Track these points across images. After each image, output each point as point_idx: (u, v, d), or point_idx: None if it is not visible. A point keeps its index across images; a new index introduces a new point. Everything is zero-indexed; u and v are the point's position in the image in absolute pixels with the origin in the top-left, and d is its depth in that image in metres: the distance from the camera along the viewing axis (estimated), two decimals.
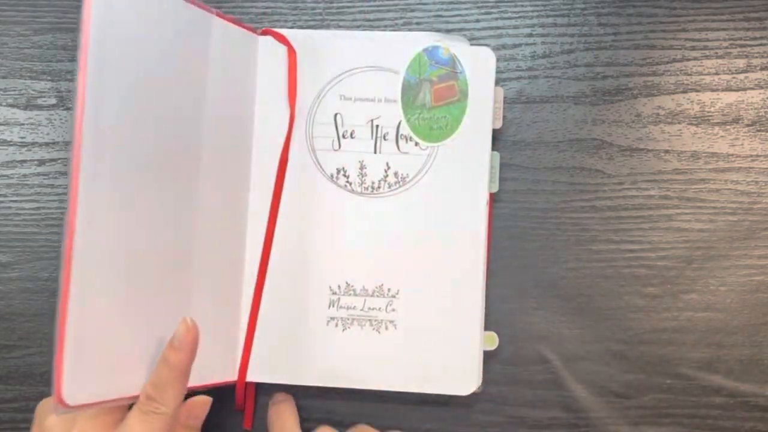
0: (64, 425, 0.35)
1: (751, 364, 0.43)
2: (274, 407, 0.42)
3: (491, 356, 0.43)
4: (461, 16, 0.45)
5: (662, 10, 0.45)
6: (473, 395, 0.42)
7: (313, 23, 0.45)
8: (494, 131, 0.43)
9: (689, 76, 0.44)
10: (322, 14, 0.45)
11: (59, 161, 0.45)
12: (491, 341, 0.42)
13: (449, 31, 0.45)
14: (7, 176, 0.45)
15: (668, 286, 0.44)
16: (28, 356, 0.44)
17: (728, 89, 0.44)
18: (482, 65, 0.43)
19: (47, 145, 0.46)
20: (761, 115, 0.44)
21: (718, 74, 0.44)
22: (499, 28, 0.45)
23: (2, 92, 0.46)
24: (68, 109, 0.46)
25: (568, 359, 0.43)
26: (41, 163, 0.45)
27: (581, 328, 0.44)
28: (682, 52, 0.45)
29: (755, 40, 0.44)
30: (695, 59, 0.44)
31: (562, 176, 0.44)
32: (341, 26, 0.45)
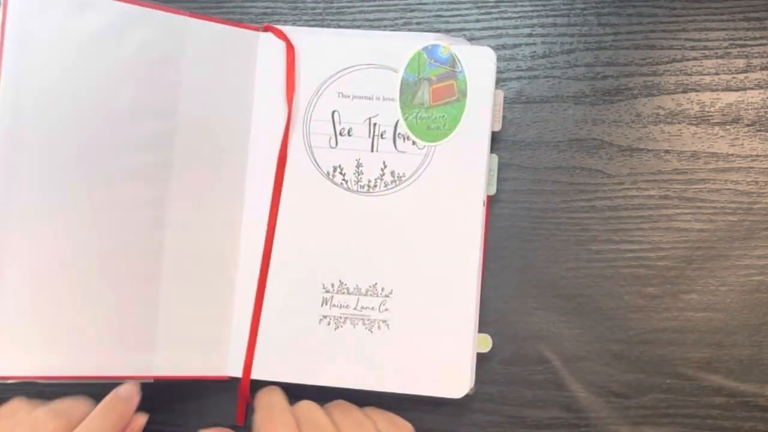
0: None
1: (751, 364, 0.43)
2: (261, 392, 0.41)
3: (491, 356, 0.43)
4: (461, 16, 0.45)
5: (662, 10, 0.45)
6: (468, 396, 0.42)
7: (313, 23, 0.45)
8: (494, 133, 0.43)
9: (689, 76, 0.44)
10: (322, 14, 0.45)
11: None
12: (485, 343, 0.42)
13: (449, 31, 0.45)
14: None
15: (668, 286, 0.44)
16: None
17: (728, 89, 0.44)
18: (482, 65, 0.43)
19: None
20: (761, 115, 0.44)
21: (718, 74, 0.44)
22: (499, 28, 0.45)
23: None
24: None
25: (568, 359, 0.43)
26: None
27: (581, 328, 0.44)
28: (682, 52, 0.45)
29: (755, 40, 0.44)
30: (695, 59, 0.44)
31: (562, 176, 0.44)
32: (341, 26, 0.45)
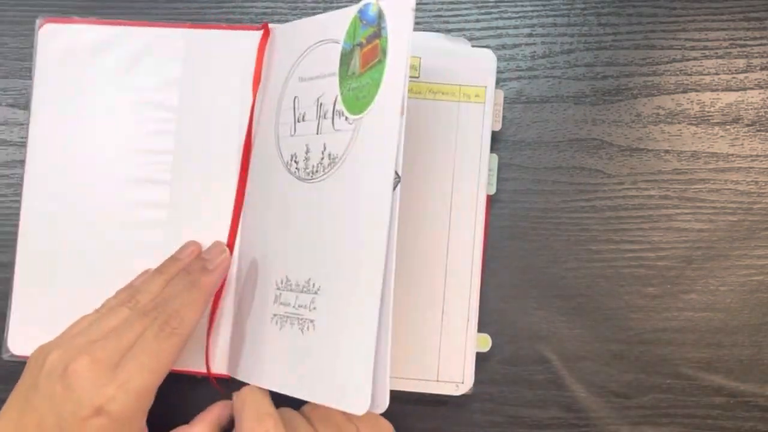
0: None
1: (751, 364, 0.43)
2: (244, 390, 0.38)
3: (491, 356, 0.43)
4: (461, 16, 0.45)
5: (662, 10, 0.45)
6: (468, 396, 0.42)
7: None
8: (494, 132, 0.43)
9: (689, 76, 0.44)
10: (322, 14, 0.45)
11: None
12: (484, 343, 0.42)
13: (449, 31, 0.45)
14: (7, 176, 0.45)
15: (668, 286, 0.44)
16: None
17: (728, 89, 0.44)
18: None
19: None
20: (761, 115, 0.44)
21: (718, 74, 0.44)
22: (499, 28, 0.45)
23: (2, 92, 0.46)
24: None
25: (568, 359, 0.43)
26: None
27: (581, 328, 0.44)
28: (682, 52, 0.45)
29: (755, 40, 0.44)
30: (695, 59, 0.44)
31: (562, 176, 0.44)
32: None
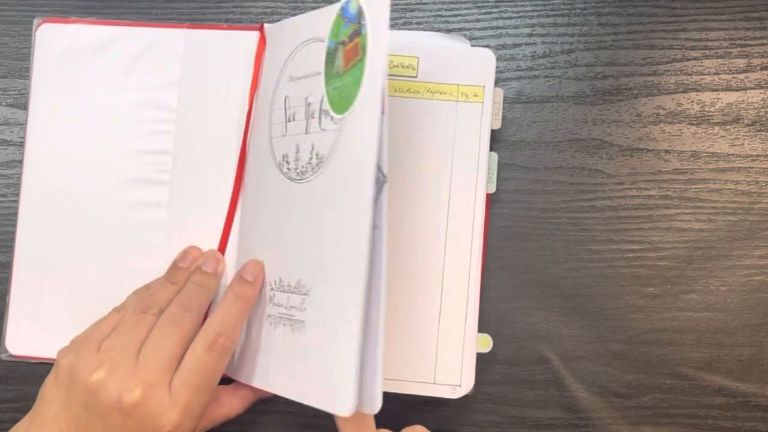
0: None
1: (751, 364, 0.43)
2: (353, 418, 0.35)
3: (491, 356, 0.43)
4: (461, 16, 0.45)
5: (662, 10, 0.45)
6: (469, 396, 0.42)
7: None
8: (494, 131, 0.43)
9: (689, 75, 0.44)
10: None
11: None
12: (485, 343, 0.42)
13: (449, 31, 0.45)
14: (7, 176, 0.45)
15: (668, 286, 0.44)
16: None
17: (728, 89, 0.44)
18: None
19: None
20: (761, 114, 0.44)
21: (718, 74, 0.44)
22: (499, 28, 0.45)
23: (2, 92, 0.46)
24: None
25: (568, 359, 0.43)
26: None
27: (581, 328, 0.44)
28: (682, 52, 0.45)
29: (755, 40, 0.44)
30: (695, 59, 0.44)
31: (562, 176, 0.44)
32: None
